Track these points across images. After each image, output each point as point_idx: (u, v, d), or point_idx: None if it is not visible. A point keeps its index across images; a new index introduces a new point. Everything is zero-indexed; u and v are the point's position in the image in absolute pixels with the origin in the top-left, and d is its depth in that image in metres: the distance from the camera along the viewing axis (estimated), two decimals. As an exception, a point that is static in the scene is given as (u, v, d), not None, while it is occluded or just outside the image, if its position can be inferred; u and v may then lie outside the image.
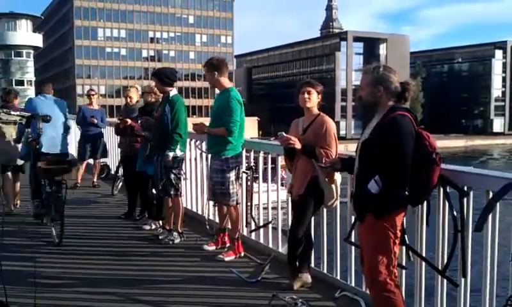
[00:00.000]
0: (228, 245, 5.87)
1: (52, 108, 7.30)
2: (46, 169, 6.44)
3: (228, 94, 5.52)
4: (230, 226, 5.91)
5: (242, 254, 5.67)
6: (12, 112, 7.10)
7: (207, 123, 5.78)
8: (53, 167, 6.46)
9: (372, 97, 3.53)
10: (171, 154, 6.02)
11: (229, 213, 5.76)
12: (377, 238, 3.45)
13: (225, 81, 5.63)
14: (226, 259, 5.54)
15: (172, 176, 6.11)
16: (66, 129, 7.70)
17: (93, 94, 10.43)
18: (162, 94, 6.54)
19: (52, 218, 6.41)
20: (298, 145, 4.52)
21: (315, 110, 4.65)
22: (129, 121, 7.39)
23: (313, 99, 4.62)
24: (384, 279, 3.43)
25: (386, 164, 3.32)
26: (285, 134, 4.59)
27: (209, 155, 5.96)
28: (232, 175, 5.58)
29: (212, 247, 5.89)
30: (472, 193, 3.62)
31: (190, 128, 6.32)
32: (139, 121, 7.09)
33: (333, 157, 4.40)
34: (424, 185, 3.44)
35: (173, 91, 6.20)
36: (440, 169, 3.44)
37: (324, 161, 4.24)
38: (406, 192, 3.40)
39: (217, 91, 5.82)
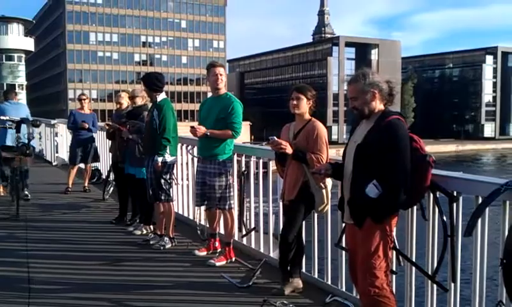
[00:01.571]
0: (219, 250, 5.86)
1: (15, 111, 9.11)
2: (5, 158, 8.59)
3: (229, 98, 5.58)
4: (222, 231, 5.91)
5: (234, 259, 5.67)
6: (1, 117, 7.14)
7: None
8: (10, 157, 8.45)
9: (367, 104, 3.50)
10: (159, 159, 6.01)
11: (224, 217, 5.75)
12: (375, 243, 3.42)
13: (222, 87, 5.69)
14: (217, 264, 5.53)
15: (162, 181, 6.10)
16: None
17: (84, 99, 10.37)
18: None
19: (12, 194, 8.43)
20: (289, 150, 4.53)
21: (307, 116, 4.66)
22: (117, 126, 7.47)
23: (301, 105, 4.61)
24: (380, 285, 3.42)
25: (385, 168, 3.31)
26: (276, 139, 4.60)
27: (195, 159, 5.94)
28: (230, 178, 5.60)
29: (203, 253, 5.88)
30: (461, 198, 3.64)
31: (182, 133, 6.31)
32: (127, 125, 7.13)
33: (324, 162, 4.41)
34: (417, 188, 3.44)
35: (161, 96, 6.21)
36: (432, 171, 3.46)
37: (316, 167, 4.22)
38: (405, 196, 3.38)
39: (209, 94, 5.81)
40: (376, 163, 3.34)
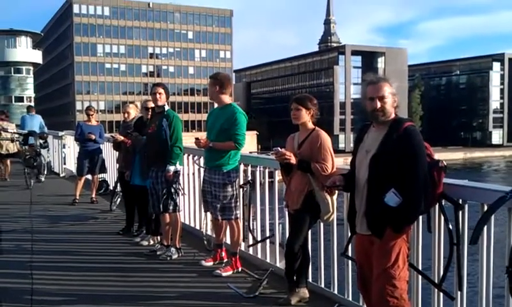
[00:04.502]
0: (225, 260, 5.86)
1: (31, 121, 14.09)
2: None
3: (233, 109, 5.56)
4: (228, 241, 5.91)
5: (240, 269, 5.66)
6: (9, 130, 7.24)
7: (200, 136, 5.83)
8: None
9: (392, 108, 3.47)
10: (172, 168, 6.04)
11: (230, 227, 5.75)
12: (395, 253, 3.37)
13: (225, 97, 5.68)
14: (224, 274, 5.53)
15: (172, 190, 6.13)
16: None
17: (91, 114, 10.43)
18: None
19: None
20: (293, 160, 4.53)
21: (310, 125, 4.66)
22: (121, 137, 7.59)
23: (300, 116, 4.60)
24: (400, 295, 3.36)
25: (405, 176, 3.27)
26: (280, 149, 4.60)
27: (202, 170, 5.97)
28: (235, 189, 5.61)
29: (209, 263, 5.88)
30: (466, 206, 3.62)
31: (185, 144, 6.34)
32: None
33: (329, 171, 4.39)
34: (431, 194, 3.42)
35: (166, 106, 6.27)
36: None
37: (329, 181, 4.03)
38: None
39: (215, 105, 5.84)
40: (394, 171, 3.29)
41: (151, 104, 6.82)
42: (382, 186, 3.33)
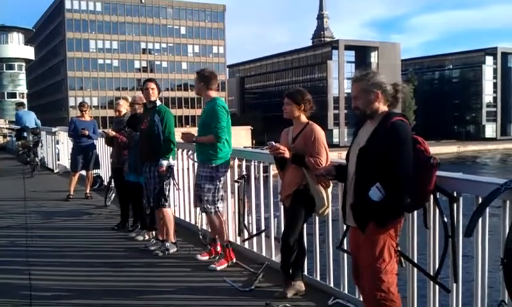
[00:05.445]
0: (220, 254, 5.86)
1: (28, 116, 14.80)
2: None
3: (214, 103, 5.61)
4: (216, 234, 5.91)
5: (234, 260, 5.68)
6: (1, 126, 7.27)
7: (194, 133, 5.86)
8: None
9: (369, 104, 3.47)
10: (165, 163, 6.05)
11: (210, 220, 5.79)
12: (379, 246, 3.37)
13: (211, 92, 5.74)
14: (219, 268, 5.54)
15: (165, 185, 6.13)
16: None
17: (84, 110, 10.41)
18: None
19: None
20: (287, 154, 4.54)
21: (304, 119, 4.66)
22: (113, 133, 7.61)
23: (290, 110, 4.63)
24: (387, 288, 3.38)
25: (389, 171, 3.25)
26: (274, 143, 4.61)
27: (196, 164, 5.99)
28: (219, 183, 5.62)
29: (205, 257, 5.89)
30: (461, 199, 3.64)
31: (178, 138, 6.35)
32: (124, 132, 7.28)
33: (323, 164, 4.41)
34: (422, 191, 3.40)
35: (158, 101, 6.27)
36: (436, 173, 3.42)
37: (318, 169, 4.23)
38: (409, 199, 3.33)
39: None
40: (379, 166, 3.29)
41: (140, 100, 6.90)
42: (368, 179, 3.34)
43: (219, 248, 5.91)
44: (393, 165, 3.26)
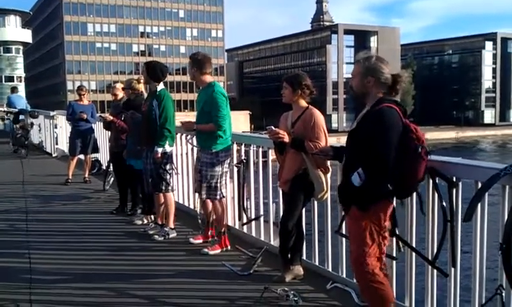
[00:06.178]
0: (214, 238, 5.86)
1: (19, 100, 14.75)
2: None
3: (213, 89, 5.50)
4: (214, 220, 5.90)
5: (229, 247, 5.68)
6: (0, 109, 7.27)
7: (192, 118, 5.81)
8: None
9: (362, 87, 3.48)
10: (160, 150, 6.01)
11: (214, 207, 5.73)
12: (362, 230, 3.40)
13: (206, 77, 5.62)
14: (211, 253, 5.54)
15: (161, 171, 6.11)
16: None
17: (83, 94, 10.38)
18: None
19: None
20: (287, 139, 4.53)
21: (303, 104, 4.64)
22: (111, 117, 7.58)
23: (287, 94, 4.62)
24: (371, 270, 3.40)
25: (369, 156, 3.27)
26: (273, 128, 4.60)
27: (195, 149, 5.97)
28: (221, 169, 5.58)
29: (198, 241, 5.89)
30: (460, 184, 3.64)
31: (178, 123, 6.32)
32: (123, 116, 7.23)
33: (323, 148, 4.40)
34: (409, 179, 3.37)
35: (160, 86, 6.19)
36: (426, 162, 3.37)
37: (316, 149, 4.27)
38: (390, 186, 3.32)
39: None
40: (365, 150, 3.30)
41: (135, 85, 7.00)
42: (353, 164, 3.37)
43: (213, 232, 5.90)
44: (374, 151, 3.26)
